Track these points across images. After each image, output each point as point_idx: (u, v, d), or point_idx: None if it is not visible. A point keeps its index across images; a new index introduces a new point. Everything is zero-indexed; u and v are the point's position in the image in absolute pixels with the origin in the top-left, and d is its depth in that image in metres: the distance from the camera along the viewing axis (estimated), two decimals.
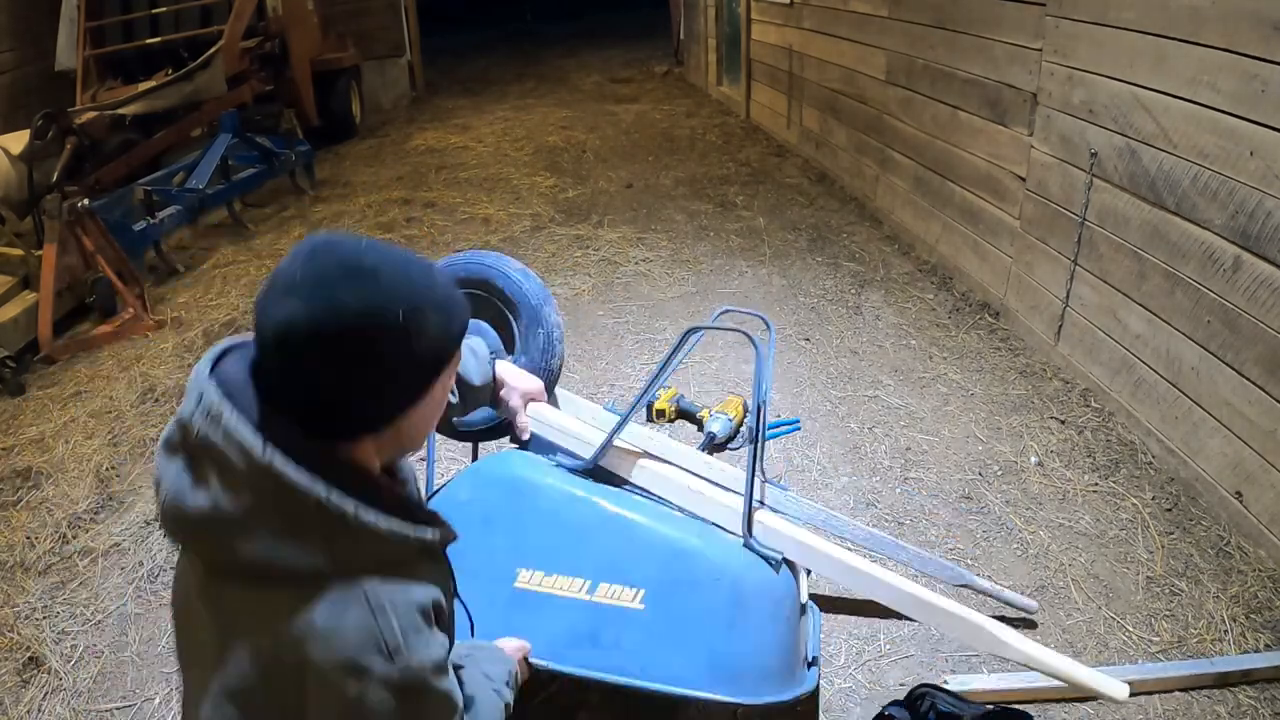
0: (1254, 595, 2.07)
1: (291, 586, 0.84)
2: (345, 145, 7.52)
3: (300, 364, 0.83)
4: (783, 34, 6.20)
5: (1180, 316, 2.44)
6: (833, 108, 5.38)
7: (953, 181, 3.86)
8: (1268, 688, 1.81)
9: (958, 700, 1.67)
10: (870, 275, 4.05)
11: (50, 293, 3.61)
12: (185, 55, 5.55)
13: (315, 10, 7.42)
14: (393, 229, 5.08)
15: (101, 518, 2.60)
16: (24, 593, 2.29)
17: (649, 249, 4.51)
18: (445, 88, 10.38)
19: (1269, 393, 2.13)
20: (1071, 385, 2.99)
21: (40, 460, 2.90)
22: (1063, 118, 2.95)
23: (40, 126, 4.04)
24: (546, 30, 16.21)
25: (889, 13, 4.36)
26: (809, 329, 3.53)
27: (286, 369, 0.84)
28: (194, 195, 4.74)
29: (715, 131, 7.09)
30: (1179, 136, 2.37)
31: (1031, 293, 3.26)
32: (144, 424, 3.09)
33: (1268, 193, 2.07)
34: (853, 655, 1.97)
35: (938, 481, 2.54)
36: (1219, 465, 2.33)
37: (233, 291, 4.27)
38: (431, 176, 6.21)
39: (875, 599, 1.64)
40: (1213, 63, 2.21)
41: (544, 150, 6.80)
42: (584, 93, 9.47)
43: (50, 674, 2.03)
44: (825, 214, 4.92)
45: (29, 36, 6.00)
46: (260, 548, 0.82)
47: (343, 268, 0.84)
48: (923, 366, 3.20)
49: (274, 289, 0.84)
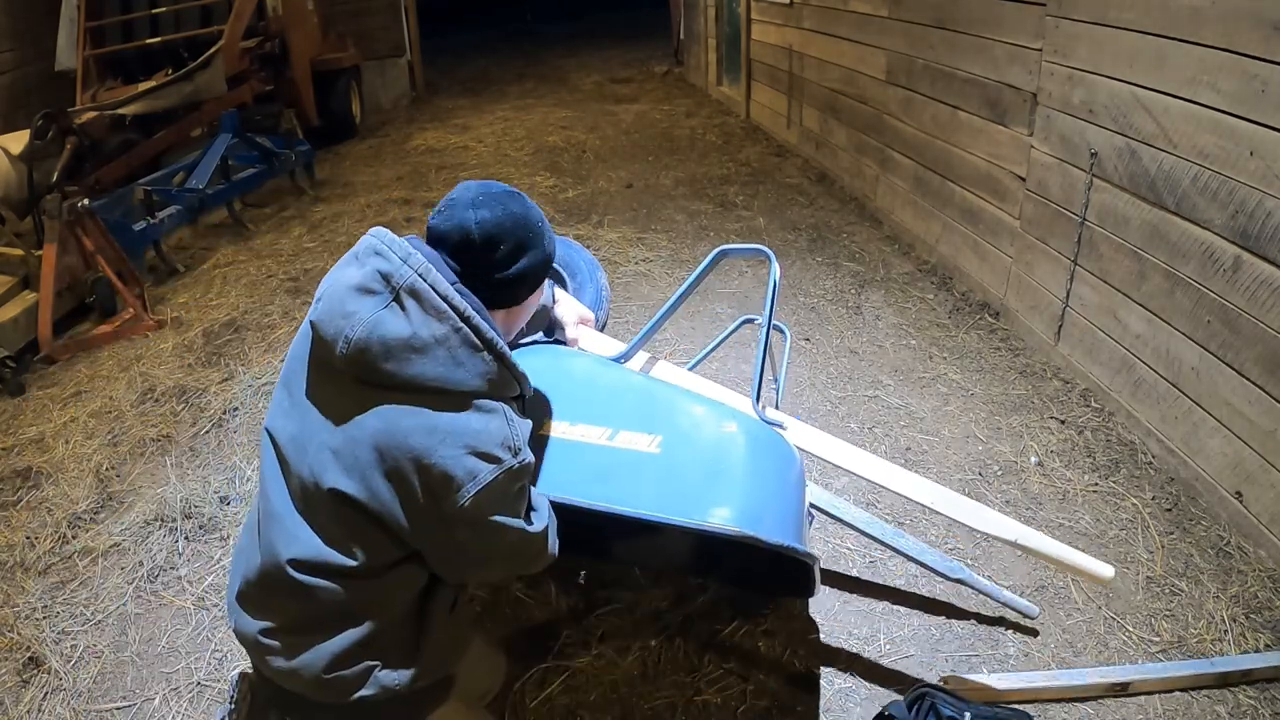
0: (1254, 595, 2.07)
1: (449, 398, 1.19)
2: (345, 145, 7.52)
3: (492, 246, 1.27)
4: (783, 34, 6.20)
5: (1180, 316, 2.44)
6: (833, 108, 5.38)
7: (953, 181, 3.86)
8: (1268, 688, 1.82)
9: (957, 701, 1.67)
10: (870, 275, 4.05)
11: (50, 293, 3.61)
12: (185, 55, 5.55)
13: (315, 10, 7.42)
14: (392, 229, 5.07)
15: (101, 518, 2.60)
16: (24, 593, 2.29)
17: (649, 249, 4.51)
18: (445, 88, 10.39)
19: (1269, 393, 2.13)
20: (1071, 385, 2.99)
21: (40, 460, 2.90)
22: (1063, 118, 2.95)
23: (40, 126, 4.04)
24: (546, 30, 16.21)
25: (889, 13, 4.36)
26: (809, 329, 3.53)
27: (479, 250, 1.27)
28: (194, 195, 4.74)
29: (715, 131, 7.09)
30: (1179, 136, 2.37)
31: (1031, 293, 3.26)
32: (144, 424, 3.09)
33: (1268, 193, 2.07)
34: (853, 655, 1.97)
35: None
36: (1219, 465, 2.33)
37: (233, 291, 4.27)
38: (431, 176, 6.21)
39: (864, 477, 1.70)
40: (1213, 63, 2.21)
41: (544, 150, 6.80)
42: (584, 93, 9.47)
43: (50, 674, 2.03)
44: (825, 214, 4.92)
45: (29, 36, 6.00)
46: (440, 370, 1.18)
47: (505, 192, 1.32)
48: (923, 366, 3.20)
49: (457, 205, 1.28)
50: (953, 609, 2.08)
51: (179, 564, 2.37)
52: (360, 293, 1.19)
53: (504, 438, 1.20)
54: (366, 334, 1.16)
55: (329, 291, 1.23)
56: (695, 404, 1.54)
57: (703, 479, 1.44)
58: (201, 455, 2.88)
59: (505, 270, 1.30)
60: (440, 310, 1.18)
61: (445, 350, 1.18)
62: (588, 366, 1.65)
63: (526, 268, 1.32)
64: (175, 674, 2.02)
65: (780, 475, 1.52)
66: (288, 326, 3.82)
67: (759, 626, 2.03)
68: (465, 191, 1.31)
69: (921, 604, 2.10)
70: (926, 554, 2.06)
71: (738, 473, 1.45)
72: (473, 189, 1.31)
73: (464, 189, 1.32)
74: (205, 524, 2.51)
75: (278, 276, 4.43)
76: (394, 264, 1.19)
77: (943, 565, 2.03)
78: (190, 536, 2.47)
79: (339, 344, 1.18)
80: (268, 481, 1.30)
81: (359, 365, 1.18)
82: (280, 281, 4.36)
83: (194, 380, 3.38)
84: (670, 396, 1.56)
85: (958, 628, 2.03)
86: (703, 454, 1.47)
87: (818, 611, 2.09)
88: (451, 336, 1.18)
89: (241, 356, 3.57)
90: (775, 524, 1.43)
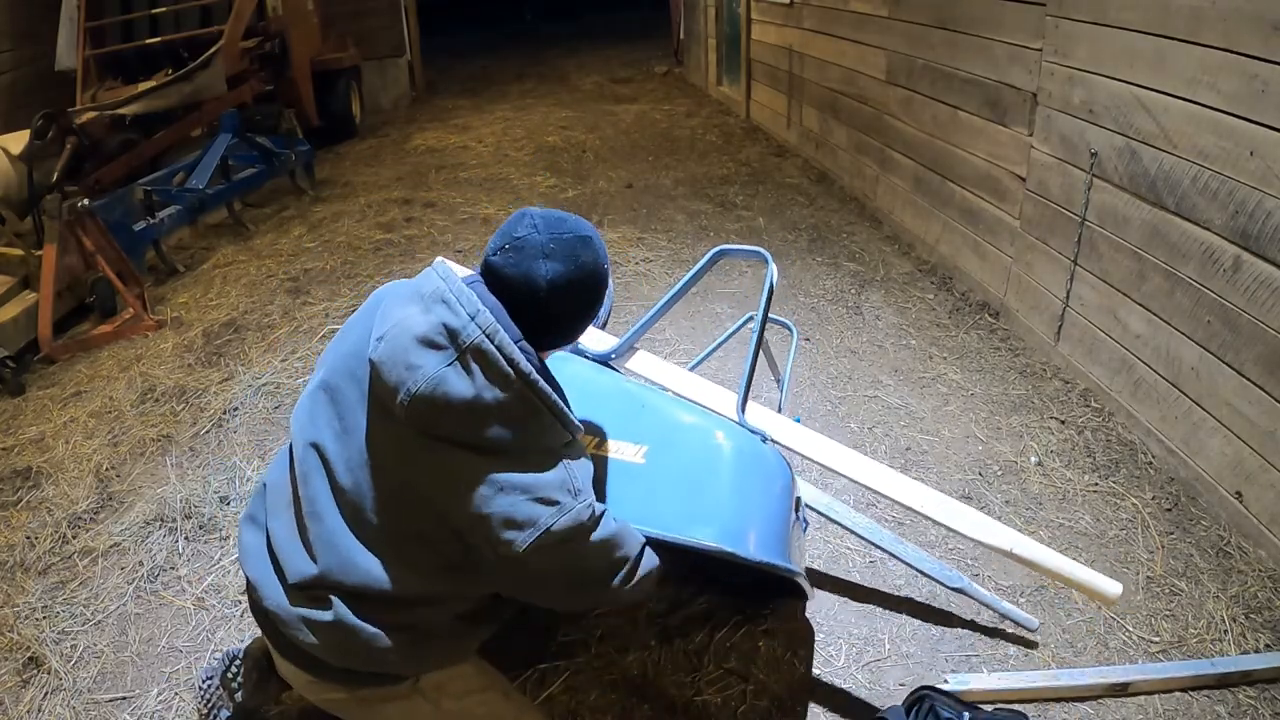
0: (1254, 595, 2.07)
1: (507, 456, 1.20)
2: (345, 145, 7.51)
3: (559, 302, 1.25)
4: (783, 34, 6.20)
5: (1180, 316, 2.44)
6: (833, 108, 5.38)
7: (953, 181, 3.86)
8: (1268, 688, 1.81)
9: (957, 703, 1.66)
10: (870, 275, 4.05)
11: (50, 293, 3.61)
12: (185, 55, 5.53)
13: (315, 10, 7.41)
14: (393, 229, 5.08)
15: (101, 518, 2.60)
16: (24, 593, 2.29)
17: (649, 249, 4.51)
18: (445, 88, 10.38)
19: (1269, 393, 2.13)
20: (1071, 385, 2.99)
21: (40, 460, 2.90)
22: (1063, 118, 2.94)
23: (40, 126, 4.04)
24: (546, 30, 16.21)
25: (889, 13, 4.36)
26: (809, 329, 3.53)
27: (544, 303, 1.24)
28: (194, 195, 4.74)
29: (715, 131, 7.09)
30: (1179, 136, 2.37)
31: (1031, 293, 3.26)
32: (144, 424, 3.09)
33: (1268, 193, 2.07)
34: (853, 656, 1.97)
35: (938, 482, 2.54)
36: (1219, 465, 2.32)
37: (233, 291, 4.27)
38: (431, 176, 6.21)
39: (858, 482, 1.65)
40: (1213, 63, 2.21)
41: (544, 150, 6.80)
42: (584, 93, 9.47)
43: (50, 674, 2.03)
44: (825, 214, 4.92)
45: (29, 37, 5.99)
46: (500, 431, 1.18)
47: (576, 237, 1.27)
48: (923, 366, 3.20)
49: (526, 251, 1.24)
50: (953, 609, 2.08)
51: (179, 564, 2.37)
52: (425, 346, 1.19)
53: (563, 481, 1.22)
54: (430, 391, 1.16)
55: (392, 335, 1.22)
56: (684, 413, 1.53)
57: (687, 491, 1.42)
58: (201, 455, 2.88)
59: (568, 325, 1.32)
60: (505, 376, 1.18)
61: (507, 414, 1.18)
62: (579, 372, 1.64)
63: (587, 320, 1.34)
64: (175, 674, 2.02)
65: (765, 488, 1.50)
66: (288, 326, 3.82)
67: (759, 627, 2.03)
68: (534, 233, 1.25)
69: (921, 604, 2.10)
70: (925, 562, 2.06)
71: (723, 486, 1.44)
72: (542, 229, 1.25)
73: (532, 228, 1.25)
74: (205, 524, 2.51)
75: (278, 276, 4.43)
76: (461, 320, 1.18)
77: (942, 574, 2.03)
78: (190, 536, 2.47)
79: (400, 394, 1.18)
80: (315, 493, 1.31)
81: (419, 419, 1.19)
82: (280, 281, 4.36)
83: (194, 380, 3.38)
84: (659, 405, 1.54)
85: (958, 628, 2.03)
86: (688, 466, 1.45)
87: (817, 612, 2.09)
88: (514, 402, 1.18)
89: (241, 356, 3.57)
90: (760, 539, 1.41)
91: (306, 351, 3.55)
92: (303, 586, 1.30)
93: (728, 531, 1.38)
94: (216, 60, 5.30)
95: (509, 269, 1.25)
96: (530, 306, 1.25)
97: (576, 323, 1.34)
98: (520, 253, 1.24)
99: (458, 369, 1.17)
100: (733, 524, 1.41)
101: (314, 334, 3.71)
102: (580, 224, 1.30)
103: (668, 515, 1.40)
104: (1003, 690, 1.80)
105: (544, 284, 1.23)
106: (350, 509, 1.28)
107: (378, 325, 1.25)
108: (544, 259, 1.23)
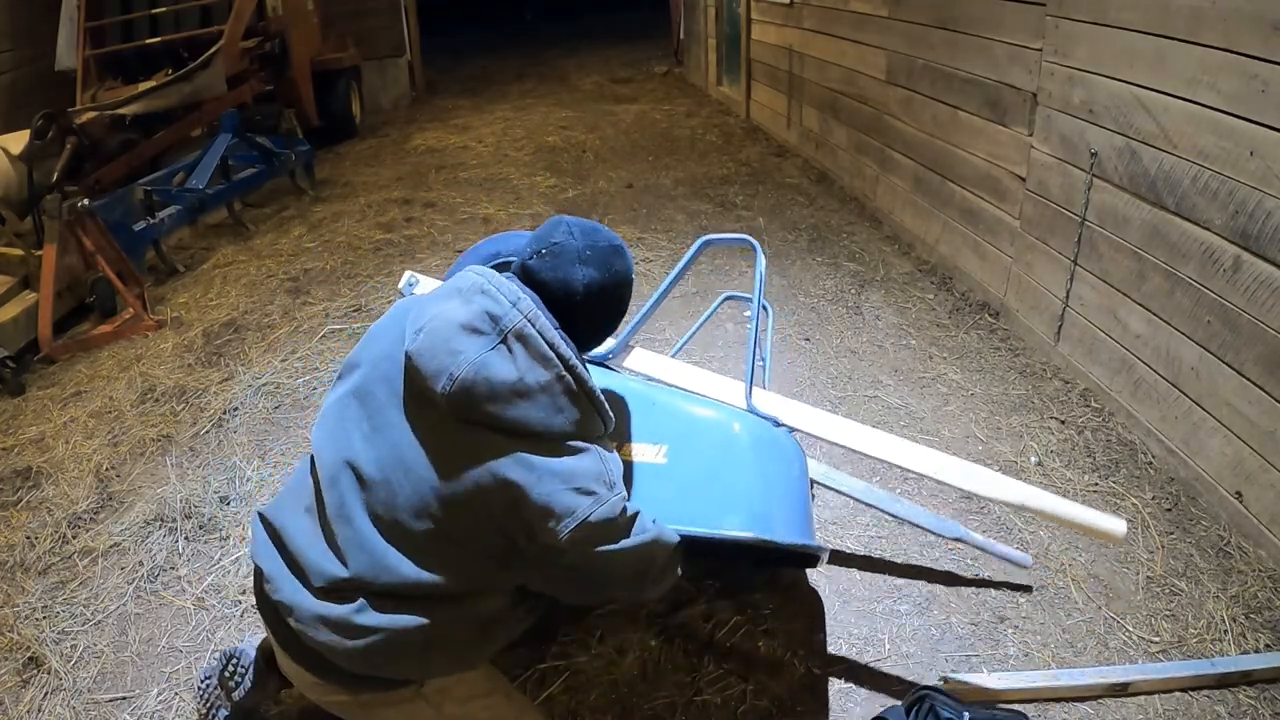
0: (1254, 595, 2.07)
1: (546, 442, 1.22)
2: (345, 145, 7.51)
3: (593, 306, 1.32)
4: (783, 34, 6.20)
5: (1180, 316, 2.44)
6: (833, 108, 5.38)
7: (953, 181, 3.86)
8: (1268, 688, 1.81)
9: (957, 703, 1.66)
10: (870, 275, 4.05)
11: (50, 293, 3.61)
12: (185, 55, 5.53)
13: (315, 10, 7.41)
14: (393, 229, 5.08)
15: (101, 518, 2.60)
16: (24, 593, 2.29)
17: (649, 249, 4.51)
18: (445, 88, 10.38)
19: (1269, 393, 2.13)
20: (1071, 385, 2.99)
21: (40, 460, 2.90)
22: (1063, 118, 2.95)
23: (40, 126, 4.04)
24: (546, 30, 16.21)
25: (889, 13, 4.36)
26: (809, 329, 3.53)
27: (579, 306, 1.31)
28: (194, 195, 4.74)
29: (715, 131, 7.09)
30: (1179, 136, 2.37)
31: (1031, 293, 3.26)
32: (144, 424, 3.09)
33: (1268, 193, 2.07)
34: (853, 655, 1.97)
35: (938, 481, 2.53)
36: (1219, 465, 2.32)
37: (233, 291, 4.27)
38: (431, 176, 6.21)
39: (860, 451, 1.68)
40: (1213, 63, 2.21)
41: (544, 150, 6.80)
42: (584, 93, 9.47)
43: (50, 674, 2.03)
44: (825, 214, 4.92)
45: (29, 36, 5.99)
46: (540, 415, 1.21)
47: (611, 246, 1.36)
48: (923, 366, 3.20)
49: (564, 256, 1.31)
50: (953, 609, 2.08)
51: (179, 564, 2.37)
52: (467, 331, 1.22)
53: (599, 473, 1.24)
54: (473, 374, 1.19)
55: (432, 326, 1.24)
56: (696, 407, 1.55)
57: (711, 485, 1.44)
58: (201, 455, 2.88)
59: (596, 330, 1.39)
60: (546, 358, 1.21)
61: (548, 397, 1.21)
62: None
63: (612, 326, 1.41)
64: (175, 674, 2.02)
65: (786, 472, 1.53)
66: (288, 326, 3.82)
67: (759, 626, 2.04)
68: (570, 239, 1.32)
69: (922, 604, 2.10)
70: (922, 516, 2.07)
71: (749, 476, 1.46)
72: (578, 236, 1.33)
73: (568, 234, 1.33)
74: (205, 524, 2.51)
75: (278, 276, 4.43)
76: (503, 306, 1.23)
77: (938, 526, 2.05)
78: (190, 536, 2.47)
79: (441, 379, 1.20)
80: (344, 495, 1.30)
81: (461, 404, 1.20)
82: (280, 281, 4.36)
83: (194, 380, 3.38)
84: (669, 402, 1.56)
85: (957, 628, 2.03)
86: (711, 461, 1.47)
87: (817, 612, 2.09)
88: (555, 384, 1.22)
89: (241, 356, 3.57)
90: (788, 521, 1.46)
91: (306, 351, 3.55)
92: (329, 589, 1.28)
93: (760, 519, 1.42)
94: (216, 60, 5.30)
95: (546, 272, 1.31)
96: (564, 309, 1.30)
97: (604, 328, 1.40)
98: (558, 258, 1.31)
99: (502, 352, 1.20)
100: (764, 512, 1.44)
101: (314, 334, 3.71)
102: (612, 234, 1.38)
103: (698, 511, 1.42)
104: (1003, 690, 1.80)
105: (580, 288, 1.30)
106: (381, 507, 1.27)
107: (414, 320, 1.27)
108: (580, 264, 1.30)
